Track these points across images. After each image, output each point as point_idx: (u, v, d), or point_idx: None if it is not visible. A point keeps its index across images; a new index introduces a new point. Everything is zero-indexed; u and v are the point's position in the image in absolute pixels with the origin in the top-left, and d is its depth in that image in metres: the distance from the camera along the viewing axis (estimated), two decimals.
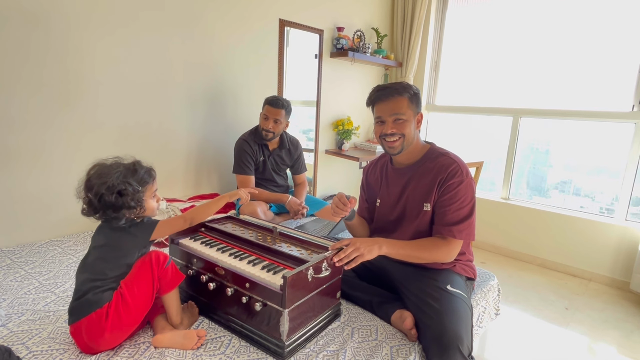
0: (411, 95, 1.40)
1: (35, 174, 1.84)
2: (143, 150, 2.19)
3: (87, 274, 1.11)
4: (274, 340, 1.12)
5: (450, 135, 3.67)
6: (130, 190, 1.12)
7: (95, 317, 1.06)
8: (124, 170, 1.15)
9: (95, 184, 1.11)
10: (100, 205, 1.11)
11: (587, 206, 2.98)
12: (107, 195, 1.10)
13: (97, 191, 1.09)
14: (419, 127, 1.46)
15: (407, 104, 1.39)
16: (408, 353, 1.19)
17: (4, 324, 1.21)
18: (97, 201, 1.10)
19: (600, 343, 2.05)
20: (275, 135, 2.32)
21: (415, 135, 1.45)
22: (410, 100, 1.40)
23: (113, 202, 1.10)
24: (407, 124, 1.40)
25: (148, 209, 1.20)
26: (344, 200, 1.41)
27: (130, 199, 1.12)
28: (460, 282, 1.39)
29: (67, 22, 1.82)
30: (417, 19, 3.38)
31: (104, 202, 1.10)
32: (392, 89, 1.40)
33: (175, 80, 2.26)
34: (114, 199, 1.10)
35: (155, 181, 1.23)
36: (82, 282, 1.11)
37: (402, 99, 1.39)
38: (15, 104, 1.75)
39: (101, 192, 1.09)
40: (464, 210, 1.36)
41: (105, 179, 1.11)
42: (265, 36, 2.66)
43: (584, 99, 2.86)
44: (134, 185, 1.14)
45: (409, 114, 1.40)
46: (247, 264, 1.22)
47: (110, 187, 1.10)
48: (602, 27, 2.73)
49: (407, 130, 1.41)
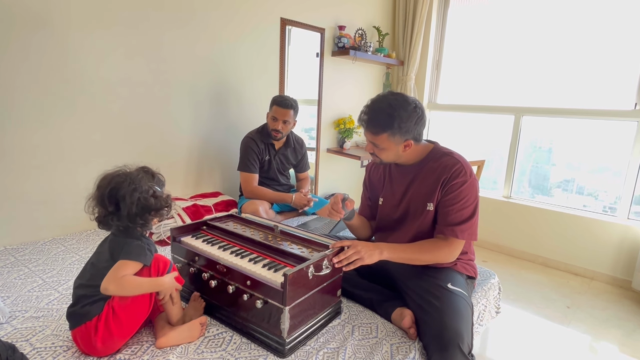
0: (393, 129, 1.31)
1: (38, 173, 1.85)
2: (146, 149, 2.20)
3: (79, 280, 1.10)
4: (275, 337, 1.13)
5: (452, 133, 3.67)
6: (159, 193, 1.13)
7: (85, 329, 1.05)
8: (144, 175, 1.13)
9: (126, 192, 1.06)
10: (130, 214, 1.07)
11: (590, 205, 2.97)
12: (148, 199, 1.08)
13: (132, 200, 1.06)
14: (407, 150, 1.38)
15: (386, 138, 1.34)
16: (408, 351, 1.20)
17: (8, 321, 1.22)
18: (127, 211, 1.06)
19: (602, 342, 2.05)
20: (284, 135, 2.33)
21: (398, 157, 1.41)
22: (391, 134, 1.33)
23: (152, 205, 1.09)
24: (384, 151, 1.39)
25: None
26: (337, 207, 1.41)
27: (164, 202, 1.13)
28: (461, 281, 1.39)
29: (69, 22, 1.83)
30: (419, 17, 3.37)
31: (141, 207, 1.08)
32: (375, 122, 1.34)
33: (178, 79, 2.27)
34: (154, 202, 1.10)
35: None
36: (75, 288, 1.10)
37: (381, 136, 1.34)
38: (17, 103, 1.76)
39: (134, 200, 1.06)
40: (467, 211, 1.35)
41: (134, 184, 1.08)
42: (267, 35, 2.66)
43: (586, 97, 2.85)
44: (157, 189, 1.14)
45: (389, 144, 1.36)
46: (248, 262, 1.23)
47: (144, 190, 1.09)
48: (604, 25, 2.72)
49: (385, 156, 1.40)
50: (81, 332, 1.05)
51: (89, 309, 1.05)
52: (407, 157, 1.44)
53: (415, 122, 1.34)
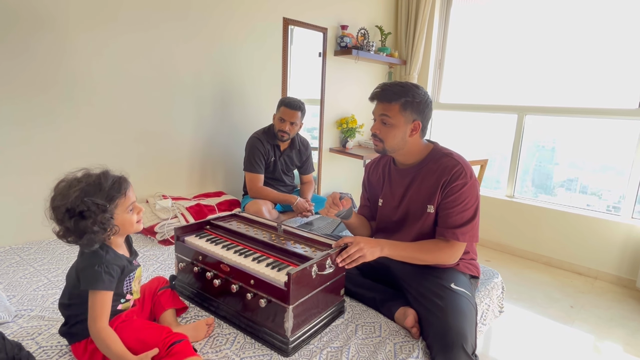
0: (406, 101, 1.34)
1: (43, 173, 1.86)
2: (148, 149, 2.21)
3: (61, 299, 1.05)
4: (279, 336, 1.13)
5: (455, 133, 3.66)
6: (93, 211, 0.95)
7: (74, 349, 1.04)
8: (85, 186, 0.97)
9: (57, 205, 0.95)
10: (63, 230, 0.96)
11: (594, 204, 2.96)
12: (66, 221, 0.94)
13: (57, 215, 0.95)
14: (413, 135, 1.39)
15: (398, 110, 1.35)
16: (412, 350, 1.20)
17: (14, 319, 1.23)
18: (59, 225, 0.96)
19: (606, 341, 2.04)
20: (290, 137, 2.34)
21: (403, 143, 1.40)
22: (403, 106, 1.34)
23: (72, 228, 0.94)
24: (392, 129, 1.37)
25: (123, 225, 1.03)
26: (336, 201, 1.40)
27: (92, 223, 0.95)
28: (465, 281, 1.39)
29: (73, 23, 1.84)
30: (422, 17, 3.37)
31: (65, 227, 0.95)
32: (390, 91, 1.36)
33: (181, 78, 2.28)
34: (73, 224, 0.94)
35: (129, 192, 1.05)
36: (60, 307, 1.06)
37: (394, 104, 1.35)
38: (22, 104, 1.77)
39: (59, 217, 0.95)
40: (468, 213, 1.35)
41: (65, 200, 0.94)
42: (270, 35, 2.66)
43: (590, 96, 2.84)
44: (99, 202, 0.96)
45: (399, 119, 1.35)
46: (252, 261, 1.23)
47: (69, 209, 0.94)
48: (608, 23, 2.70)
49: (389, 136, 1.38)
50: (74, 349, 1.05)
51: (76, 329, 1.03)
52: (409, 150, 1.43)
53: (425, 105, 1.38)
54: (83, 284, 0.98)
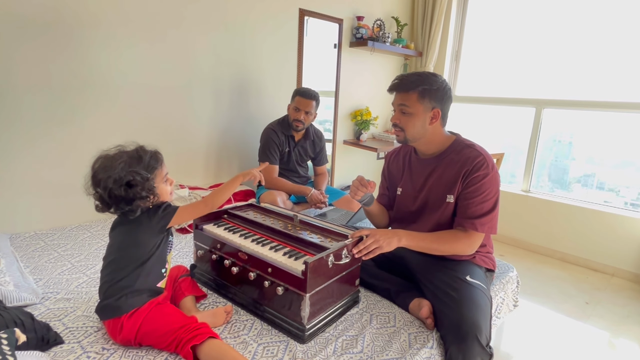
0: (424, 89, 1.35)
1: (67, 163, 1.91)
2: (166, 139, 2.25)
3: (106, 276, 1.10)
4: (295, 323, 1.15)
5: (471, 126, 3.62)
6: (139, 180, 1.06)
7: (110, 325, 1.07)
8: (127, 159, 1.08)
9: (102, 178, 1.04)
10: (112, 199, 1.05)
11: (611, 200, 2.90)
12: (116, 189, 1.03)
13: (105, 186, 1.03)
14: (433, 123, 1.39)
15: (416, 98, 1.36)
16: (426, 340, 1.21)
17: (41, 301, 1.28)
18: (108, 196, 1.04)
19: (621, 338, 2.02)
20: (305, 126, 2.35)
21: (423, 131, 1.40)
22: (421, 94, 1.35)
23: (123, 195, 1.04)
24: (411, 118, 1.38)
25: (162, 194, 1.14)
26: (363, 182, 1.43)
27: (140, 189, 1.06)
28: (480, 274, 1.39)
29: (95, 18, 1.88)
30: (439, 7, 3.32)
31: (114, 196, 1.04)
32: (407, 81, 1.37)
33: (199, 70, 2.30)
34: (124, 192, 1.04)
35: (164, 164, 1.17)
36: (103, 282, 1.11)
37: (412, 94, 1.36)
38: (46, 95, 1.81)
39: (109, 186, 1.03)
40: (488, 204, 1.34)
41: (110, 172, 1.04)
42: (286, 26, 2.66)
43: (609, 90, 2.77)
44: (142, 173, 1.07)
45: (418, 108, 1.36)
46: (269, 250, 1.25)
47: (117, 179, 1.03)
48: (629, 14, 2.62)
49: (409, 125, 1.39)
50: (108, 325, 1.09)
51: (123, 302, 1.06)
52: (430, 139, 1.43)
53: (444, 92, 1.38)
54: (166, 218, 1.12)
